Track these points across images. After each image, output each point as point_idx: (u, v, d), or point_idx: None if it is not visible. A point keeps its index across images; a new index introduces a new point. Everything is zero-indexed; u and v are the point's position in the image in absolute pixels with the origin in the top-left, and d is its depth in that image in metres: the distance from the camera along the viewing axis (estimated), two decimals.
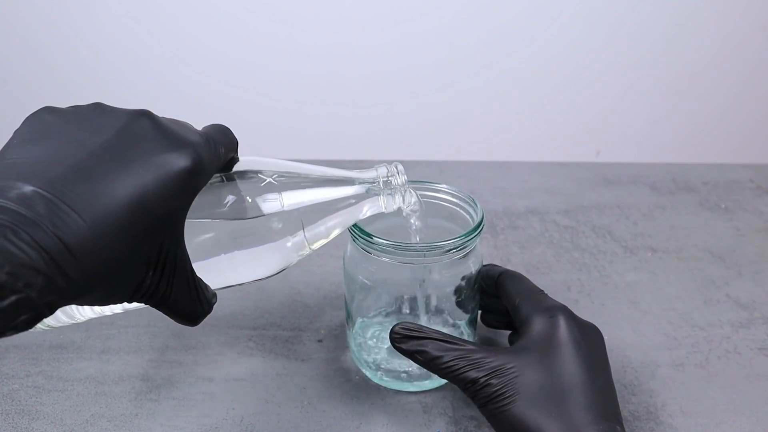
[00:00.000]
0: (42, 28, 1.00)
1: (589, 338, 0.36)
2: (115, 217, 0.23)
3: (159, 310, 0.28)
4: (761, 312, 0.51)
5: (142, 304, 0.27)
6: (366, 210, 0.37)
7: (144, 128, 0.26)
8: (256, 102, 1.05)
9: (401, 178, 0.36)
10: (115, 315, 0.49)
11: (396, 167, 0.37)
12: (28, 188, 0.22)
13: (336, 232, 0.37)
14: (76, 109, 0.27)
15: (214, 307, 0.32)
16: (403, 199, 0.37)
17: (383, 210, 0.37)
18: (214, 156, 0.28)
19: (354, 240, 0.39)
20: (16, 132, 0.26)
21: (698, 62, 1.08)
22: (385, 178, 0.36)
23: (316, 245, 0.36)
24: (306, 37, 1.01)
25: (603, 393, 0.34)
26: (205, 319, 0.48)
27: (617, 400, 0.35)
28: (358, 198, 0.36)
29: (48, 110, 0.27)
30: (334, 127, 1.09)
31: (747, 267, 0.57)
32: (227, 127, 0.31)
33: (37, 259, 0.21)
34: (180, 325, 0.47)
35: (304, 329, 0.48)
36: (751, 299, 0.52)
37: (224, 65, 1.04)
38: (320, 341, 0.47)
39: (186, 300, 0.28)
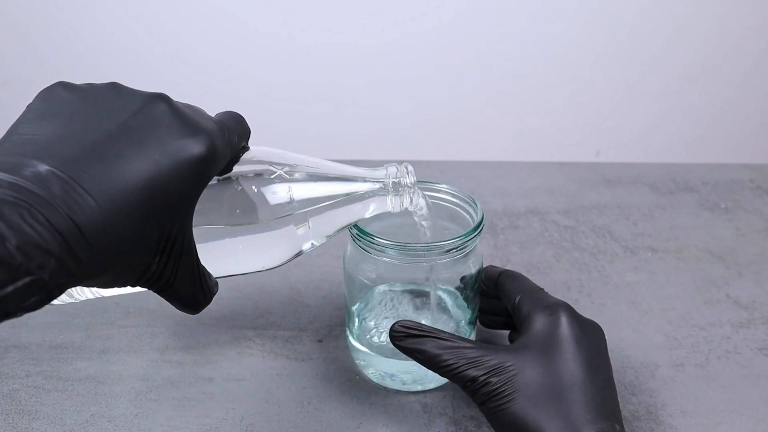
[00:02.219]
0: (42, 28, 1.00)
1: (590, 336, 0.36)
2: (127, 202, 0.23)
3: (161, 295, 0.28)
4: (761, 312, 0.51)
5: (144, 288, 0.27)
6: (372, 209, 0.37)
7: (160, 112, 0.26)
8: (257, 102, 1.05)
9: (410, 179, 0.36)
10: (115, 315, 0.49)
11: (406, 167, 0.37)
12: (43, 167, 0.22)
13: (340, 228, 0.37)
14: (91, 87, 0.27)
15: (214, 307, 0.32)
16: (411, 201, 0.37)
17: (390, 210, 0.37)
18: (227, 144, 0.28)
19: (354, 240, 0.39)
20: (29, 106, 0.26)
21: (698, 62, 1.08)
22: (395, 179, 0.36)
23: (320, 240, 0.36)
24: (306, 37, 1.01)
25: (603, 391, 0.34)
26: (205, 320, 0.48)
27: (617, 398, 0.35)
28: (366, 196, 0.36)
29: (63, 86, 0.26)
30: (334, 127, 1.09)
31: (747, 267, 0.57)
32: (241, 115, 0.31)
33: (50, 241, 0.20)
34: (180, 325, 0.48)
35: (304, 329, 0.48)
36: (751, 299, 0.52)
37: (224, 65, 1.04)
38: (320, 341, 0.47)
39: (189, 287, 0.28)
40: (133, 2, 0.97)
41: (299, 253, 0.36)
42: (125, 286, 0.26)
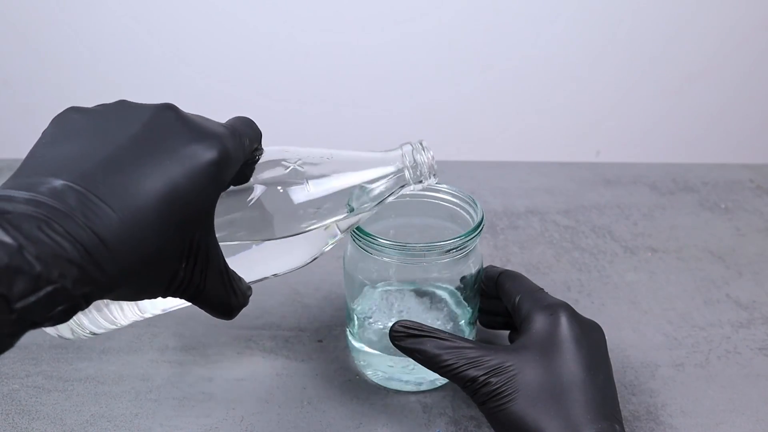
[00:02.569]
0: (42, 28, 1.00)
1: (590, 336, 0.36)
2: (145, 209, 0.23)
3: (194, 303, 0.28)
4: (761, 312, 0.51)
5: (179, 301, 0.28)
6: (394, 191, 0.36)
7: (169, 121, 0.26)
8: (257, 102, 1.05)
9: (428, 155, 0.36)
10: None
11: (420, 143, 0.36)
12: (58, 182, 0.22)
13: (365, 216, 0.36)
14: (101, 107, 0.27)
15: None
16: (433, 176, 0.36)
17: (412, 189, 0.36)
18: (239, 147, 0.29)
19: (354, 240, 0.39)
20: (44, 132, 0.26)
21: (698, 62, 1.08)
22: (411, 158, 0.35)
23: (347, 230, 0.36)
24: (306, 37, 1.01)
25: (603, 391, 0.34)
26: (205, 320, 0.48)
27: (617, 398, 0.35)
28: (385, 179, 0.36)
29: (74, 109, 0.27)
30: (334, 127, 1.09)
31: (747, 267, 0.57)
32: (251, 119, 0.32)
33: (71, 251, 0.21)
34: (180, 325, 0.48)
35: (304, 329, 0.48)
36: (751, 299, 0.52)
37: (224, 65, 1.04)
38: (320, 341, 0.47)
39: (220, 292, 0.28)
40: (133, 2, 0.98)
41: (326, 246, 0.36)
42: (156, 296, 0.26)
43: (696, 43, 1.06)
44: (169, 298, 0.32)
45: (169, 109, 0.27)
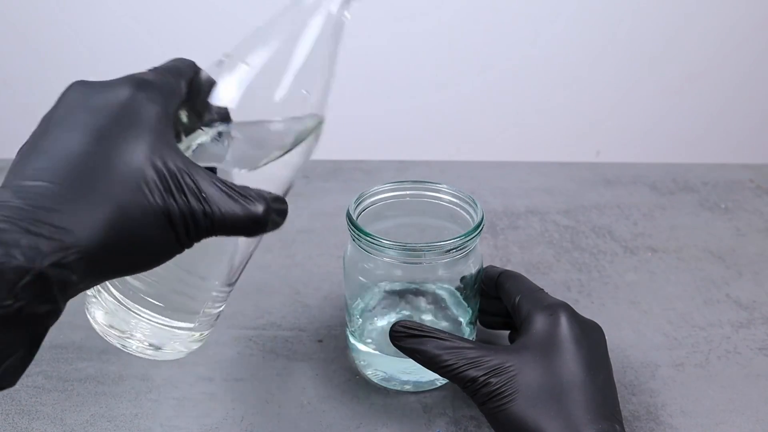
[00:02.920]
0: (42, 28, 1.00)
1: (590, 336, 0.36)
2: (75, 158, 0.24)
3: (220, 234, 0.26)
4: (761, 312, 0.51)
5: (235, 259, 0.28)
6: (343, 20, 0.34)
7: (76, 91, 0.27)
8: None
9: None
10: None
11: None
12: None
13: (335, 69, 0.34)
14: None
15: None
16: None
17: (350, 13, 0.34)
18: (161, 76, 0.28)
19: (354, 240, 0.39)
20: None
21: (698, 62, 1.08)
22: None
23: (325, 91, 0.34)
24: None
25: (603, 392, 0.34)
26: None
27: (617, 398, 0.35)
28: (328, 17, 0.34)
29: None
30: (334, 127, 1.09)
31: (747, 267, 0.57)
32: (180, 57, 0.31)
33: (4, 226, 0.21)
34: None
35: (304, 329, 0.48)
36: (751, 299, 0.52)
37: None
38: (320, 341, 0.47)
39: (231, 204, 0.26)
40: (133, 2, 0.98)
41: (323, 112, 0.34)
42: (175, 249, 0.25)
43: (696, 43, 1.06)
44: (222, 266, 0.32)
45: (74, 82, 0.27)
